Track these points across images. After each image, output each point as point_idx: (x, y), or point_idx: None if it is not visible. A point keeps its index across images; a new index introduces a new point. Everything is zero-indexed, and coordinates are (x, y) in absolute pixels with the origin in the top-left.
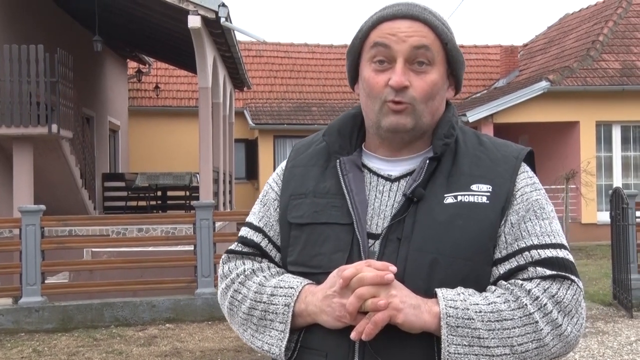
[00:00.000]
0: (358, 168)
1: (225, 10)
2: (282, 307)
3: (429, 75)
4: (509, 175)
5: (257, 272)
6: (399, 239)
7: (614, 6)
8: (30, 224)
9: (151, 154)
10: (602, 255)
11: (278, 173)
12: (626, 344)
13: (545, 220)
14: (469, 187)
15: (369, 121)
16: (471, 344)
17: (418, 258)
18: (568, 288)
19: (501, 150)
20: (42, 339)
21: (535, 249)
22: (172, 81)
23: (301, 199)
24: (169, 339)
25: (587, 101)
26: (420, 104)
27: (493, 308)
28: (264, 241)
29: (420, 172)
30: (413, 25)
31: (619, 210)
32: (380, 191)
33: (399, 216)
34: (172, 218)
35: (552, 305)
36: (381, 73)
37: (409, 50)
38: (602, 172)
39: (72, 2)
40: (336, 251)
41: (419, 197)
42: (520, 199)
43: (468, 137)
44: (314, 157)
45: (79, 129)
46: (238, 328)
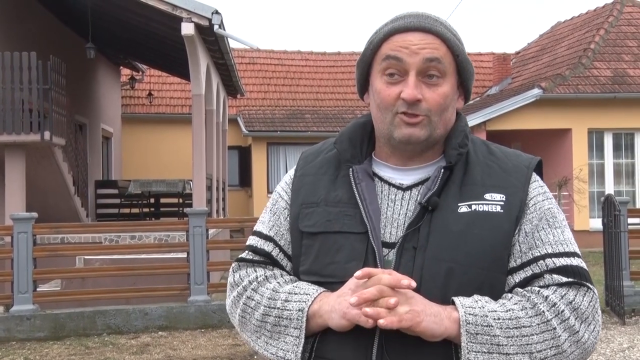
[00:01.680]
0: (370, 177)
1: (219, 18)
2: (296, 312)
3: (441, 87)
4: (522, 185)
5: (270, 279)
6: (415, 247)
7: (606, 14)
8: (22, 232)
9: (144, 161)
10: (594, 262)
11: (287, 182)
12: (619, 351)
13: (558, 229)
14: (483, 197)
15: (380, 132)
16: (490, 350)
17: (434, 267)
18: (584, 295)
19: (512, 159)
20: (34, 348)
21: (550, 258)
22: (165, 88)
23: (313, 208)
24: (162, 347)
25: (579, 109)
26: (435, 115)
27: (511, 315)
28: (275, 250)
29: (435, 180)
30: (425, 37)
31: (611, 217)
32: (392, 200)
33: (415, 225)
34: (165, 225)
35: (570, 312)
36: (393, 85)
37: (421, 63)
38: (594, 179)
39: (65, 9)
40: (350, 260)
41: (434, 205)
42: (533, 208)
43: (478, 146)
44: (324, 166)
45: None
46: (251, 336)
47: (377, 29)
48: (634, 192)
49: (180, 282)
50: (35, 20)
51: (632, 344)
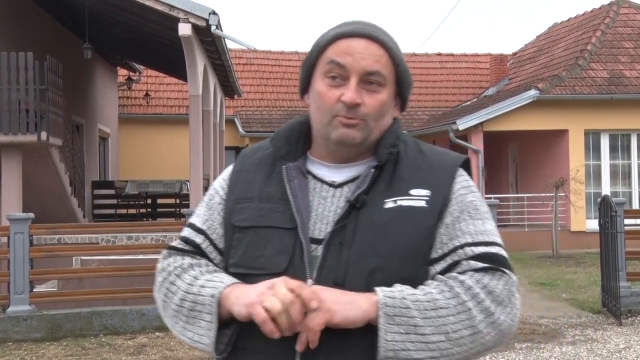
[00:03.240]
0: (303, 174)
1: (216, 18)
2: (209, 297)
3: (379, 95)
4: (447, 181)
5: (194, 267)
6: (341, 243)
7: (602, 16)
8: (18, 232)
9: (141, 162)
10: (591, 263)
11: (224, 177)
12: (615, 352)
13: (478, 220)
14: (408, 192)
15: (317, 132)
16: (407, 331)
17: (359, 262)
18: (500, 279)
19: (440, 157)
20: (30, 349)
21: (468, 247)
22: (162, 89)
23: (246, 203)
24: (159, 347)
25: (576, 110)
26: (371, 120)
27: (429, 297)
28: (205, 243)
29: (365, 179)
30: (369, 45)
31: (607, 218)
32: (323, 197)
33: (342, 222)
34: (162, 226)
35: (485, 294)
36: (334, 88)
37: (362, 72)
38: (591, 180)
39: (62, 10)
40: (278, 254)
41: (361, 203)
42: (455, 201)
43: (409, 146)
44: (260, 163)
45: (68, 136)
46: (170, 321)
47: (324, 32)
48: (631, 193)
49: None
50: (32, 20)
51: (628, 344)
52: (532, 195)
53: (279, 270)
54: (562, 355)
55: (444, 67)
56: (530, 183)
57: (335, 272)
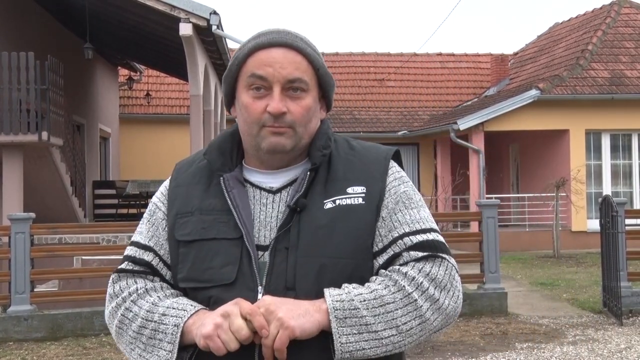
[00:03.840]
0: (241, 183)
1: (217, 18)
2: (172, 327)
3: (304, 100)
4: (380, 175)
5: (150, 292)
6: (287, 248)
7: (603, 16)
8: (19, 232)
9: (142, 162)
10: (592, 263)
11: (162, 192)
12: (616, 352)
13: (414, 209)
14: (345, 191)
15: (247, 144)
16: (360, 331)
17: (306, 264)
18: (440, 265)
19: (371, 152)
20: (31, 348)
21: (407, 236)
22: (163, 89)
23: (187, 217)
24: None
25: (577, 110)
26: (299, 126)
27: (375, 294)
28: (155, 260)
29: (302, 182)
30: (287, 54)
31: (608, 218)
32: (264, 204)
33: (285, 227)
34: None
35: (428, 282)
36: (259, 100)
37: (284, 79)
38: (592, 180)
39: (63, 10)
40: (226, 264)
41: (301, 207)
42: (389, 193)
43: (340, 144)
44: (196, 175)
45: (69, 136)
46: (125, 347)
47: (242, 44)
48: (632, 193)
49: None
50: (33, 20)
51: (629, 344)
52: (533, 195)
53: (228, 281)
54: (563, 355)
55: (445, 67)
56: (531, 183)
57: (285, 276)
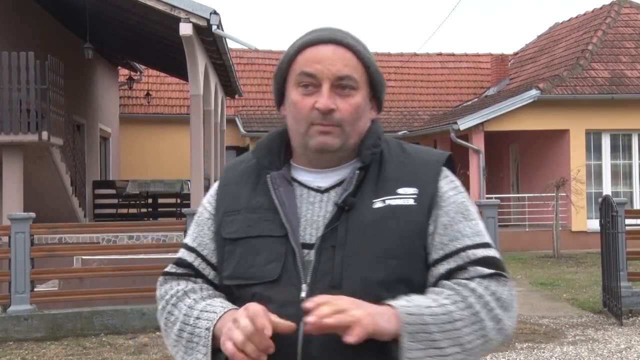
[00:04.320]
0: (288, 182)
1: (217, 18)
2: (204, 330)
3: (353, 98)
4: (432, 178)
5: (189, 294)
6: (333, 246)
7: (603, 16)
8: (19, 232)
9: (142, 162)
10: (592, 263)
11: (211, 193)
12: (616, 352)
13: (472, 221)
14: (396, 191)
15: (296, 142)
16: (427, 346)
17: (352, 263)
18: (504, 285)
19: (423, 155)
20: (31, 348)
21: (470, 249)
22: (163, 88)
23: (234, 215)
24: (160, 347)
25: (577, 110)
26: (347, 125)
27: (444, 310)
28: (197, 260)
29: (351, 181)
30: (337, 51)
31: (608, 218)
32: (311, 203)
33: (332, 225)
34: (162, 226)
35: (494, 302)
36: (308, 97)
37: (333, 78)
38: (592, 180)
39: (63, 10)
40: (270, 261)
41: (350, 205)
42: (447, 201)
43: (391, 145)
44: (244, 175)
45: (69, 136)
46: (172, 348)
47: (292, 43)
48: (632, 193)
49: None
50: (33, 20)
51: (629, 344)
52: (533, 195)
53: (272, 278)
54: (563, 355)
55: (445, 67)
56: (531, 183)
57: (330, 274)
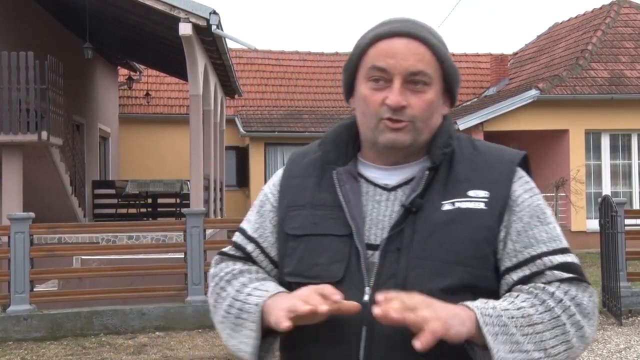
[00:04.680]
0: (354, 178)
1: (217, 18)
2: (254, 306)
3: (426, 94)
4: (505, 180)
5: (244, 273)
6: (399, 249)
7: (603, 16)
8: (19, 232)
9: (142, 162)
10: (591, 263)
11: (275, 183)
12: (615, 352)
13: (549, 224)
14: (466, 194)
15: (364, 137)
16: (512, 350)
17: (418, 267)
18: (585, 291)
19: (496, 154)
20: (31, 348)
21: (546, 256)
22: (162, 88)
23: (298, 211)
24: (159, 347)
25: (577, 110)
26: (419, 122)
27: (523, 312)
28: (255, 251)
29: (420, 182)
30: (410, 44)
31: (608, 218)
32: (377, 201)
33: (398, 227)
34: (162, 226)
35: (575, 307)
36: (378, 91)
37: (406, 72)
38: (592, 180)
39: (63, 9)
40: (334, 262)
41: (417, 207)
42: (521, 206)
43: (463, 143)
44: (309, 168)
45: (69, 136)
46: (219, 325)
47: (363, 33)
48: (631, 193)
49: (177, 283)
50: (33, 20)
51: (628, 344)
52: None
53: (335, 279)
54: None
55: None
56: None
57: (394, 278)
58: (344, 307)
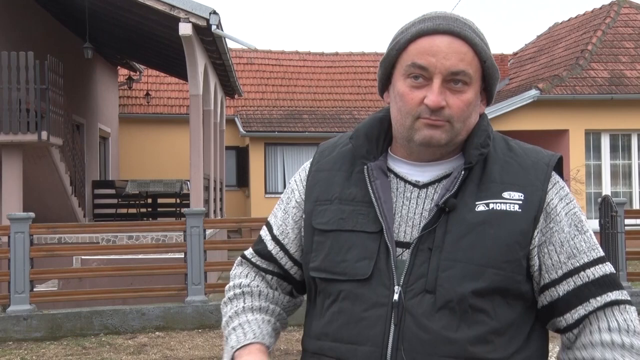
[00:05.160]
0: (384, 174)
1: (217, 18)
2: (229, 346)
3: (465, 94)
4: (541, 184)
5: (245, 296)
6: (430, 249)
7: (603, 16)
8: (19, 232)
9: (142, 162)
10: None
11: (302, 177)
12: None
13: (586, 233)
14: (501, 195)
15: (399, 134)
16: None
17: (450, 268)
18: (628, 311)
19: (531, 156)
20: (31, 348)
21: (588, 268)
22: (162, 88)
23: (326, 205)
24: (159, 347)
25: (577, 110)
26: (457, 122)
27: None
28: (280, 253)
29: (455, 182)
30: (453, 43)
31: (608, 218)
32: (407, 198)
33: (430, 226)
34: (162, 225)
35: (628, 336)
36: (416, 90)
37: (447, 71)
38: (592, 180)
39: (63, 9)
40: (362, 259)
41: (451, 207)
42: (561, 214)
43: (497, 142)
44: (338, 161)
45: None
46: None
47: (404, 27)
48: (631, 193)
49: (177, 283)
50: (33, 20)
51: None
52: None
53: (363, 276)
54: None
55: None
56: None
57: (425, 278)
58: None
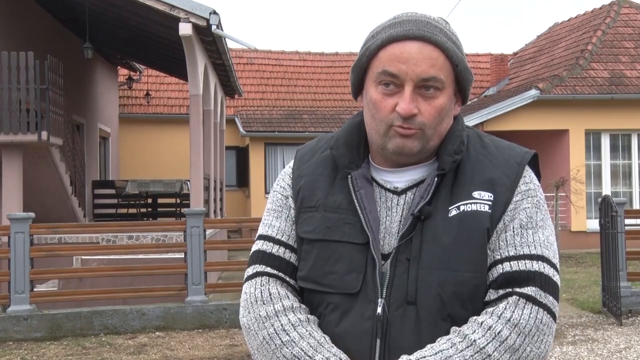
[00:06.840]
0: (369, 182)
1: (217, 18)
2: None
3: (437, 100)
4: (511, 183)
5: (303, 324)
6: (408, 259)
7: (603, 16)
8: (19, 232)
9: (142, 162)
10: (591, 263)
11: (287, 182)
12: (615, 352)
13: (541, 230)
14: (471, 195)
15: (373, 141)
16: None
17: (428, 277)
18: (525, 307)
19: (504, 154)
20: (31, 348)
21: (508, 261)
22: (162, 88)
23: (311, 213)
24: (159, 347)
25: (577, 110)
26: (429, 129)
27: (441, 356)
28: (283, 250)
29: (429, 188)
30: (423, 48)
31: (608, 218)
32: (389, 207)
33: (407, 236)
34: (162, 225)
35: (508, 329)
36: (388, 97)
37: (417, 78)
38: (592, 180)
39: (63, 9)
40: (350, 271)
41: (426, 215)
42: (512, 206)
43: (471, 140)
44: (320, 165)
45: (69, 136)
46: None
47: (374, 31)
48: (631, 193)
49: (177, 283)
50: (33, 20)
51: (628, 344)
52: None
53: (353, 290)
54: (563, 355)
55: None
56: None
57: (406, 289)
58: None
